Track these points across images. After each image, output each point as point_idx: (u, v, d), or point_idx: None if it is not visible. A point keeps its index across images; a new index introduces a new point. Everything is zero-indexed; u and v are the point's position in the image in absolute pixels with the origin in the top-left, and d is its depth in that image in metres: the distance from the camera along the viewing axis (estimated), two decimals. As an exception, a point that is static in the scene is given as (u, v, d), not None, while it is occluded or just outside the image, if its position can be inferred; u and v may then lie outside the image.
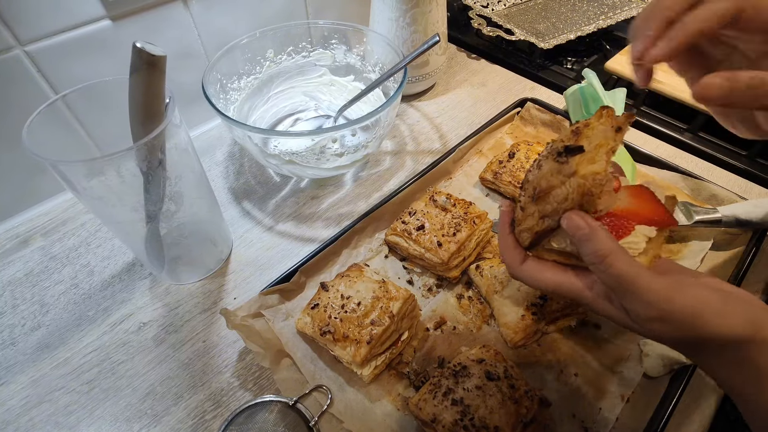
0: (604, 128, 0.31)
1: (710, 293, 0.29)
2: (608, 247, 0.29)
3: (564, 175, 0.31)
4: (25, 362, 0.49)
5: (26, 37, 0.52)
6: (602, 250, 0.29)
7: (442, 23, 0.75)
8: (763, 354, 0.28)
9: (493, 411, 0.39)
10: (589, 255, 0.30)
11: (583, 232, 0.30)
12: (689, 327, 0.29)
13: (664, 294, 0.29)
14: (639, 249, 0.32)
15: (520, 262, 0.35)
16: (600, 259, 0.29)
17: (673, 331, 0.29)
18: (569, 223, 0.31)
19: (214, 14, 0.66)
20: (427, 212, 0.55)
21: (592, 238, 0.30)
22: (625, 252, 0.30)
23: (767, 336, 0.28)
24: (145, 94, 0.37)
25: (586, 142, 0.31)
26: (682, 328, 0.29)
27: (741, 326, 0.28)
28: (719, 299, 0.29)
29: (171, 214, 0.47)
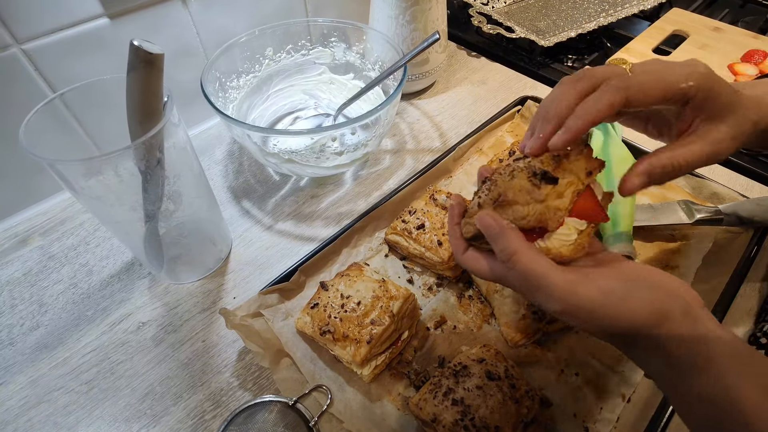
0: (579, 167, 0.33)
1: (616, 283, 0.30)
2: (515, 246, 0.31)
3: (531, 198, 0.32)
4: (24, 362, 0.49)
5: (24, 35, 0.52)
6: (509, 249, 0.31)
7: (442, 21, 0.74)
8: (673, 344, 0.29)
9: (493, 411, 0.38)
10: (499, 253, 0.32)
11: (493, 231, 0.32)
12: (595, 318, 0.30)
13: (567, 288, 0.30)
14: (570, 240, 0.33)
15: (462, 252, 0.37)
16: (507, 256, 0.31)
17: (583, 323, 0.30)
18: (481, 222, 0.33)
19: (212, 12, 0.66)
20: (427, 211, 0.55)
21: (502, 238, 0.32)
22: (533, 250, 0.31)
23: (672, 324, 0.29)
24: (143, 92, 0.37)
25: (560, 175, 0.33)
26: (589, 320, 0.30)
27: (644, 314, 0.29)
28: (623, 288, 0.30)
29: (170, 214, 0.46)
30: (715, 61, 0.75)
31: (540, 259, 0.31)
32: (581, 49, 0.89)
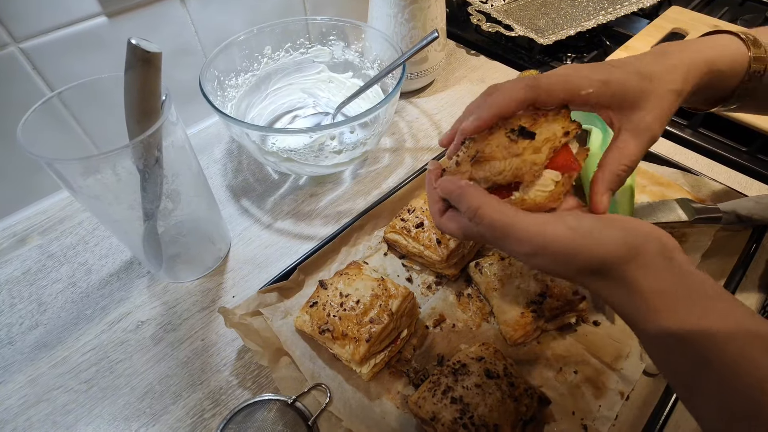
0: (556, 127, 0.34)
1: (587, 221, 0.30)
2: (478, 201, 0.32)
3: (508, 152, 0.33)
4: (23, 361, 0.49)
5: (21, 34, 0.51)
6: (473, 205, 0.32)
7: (441, 19, 0.74)
8: (644, 276, 0.29)
9: (492, 409, 0.38)
10: (465, 212, 0.32)
11: (454, 193, 0.33)
12: (564, 255, 0.30)
13: (534, 229, 0.30)
14: (547, 189, 0.34)
15: (440, 214, 0.37)
16: (473, 212, 0.32)
17: (552, 263, 0.31)
18: (443, 189, 0.34)
19: (211, 11, 0.66)
20: (426, 210, 0.55)
21: (464, 197, 0.32)
22: (496, 201, 0.32)
23: (644, 259, 0.29)
24: (141, 91, 0.37)
25: (538, 131, 0.33)
26: (558, 259, 0.30)
27: (615, 249, 0.29)
28: (594, 225, 0.30)
29: (168, 212, 0.46)
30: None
31: (504, 208, 0.31)
32: (580, 48, 0.88)
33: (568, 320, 0.49)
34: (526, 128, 0.33)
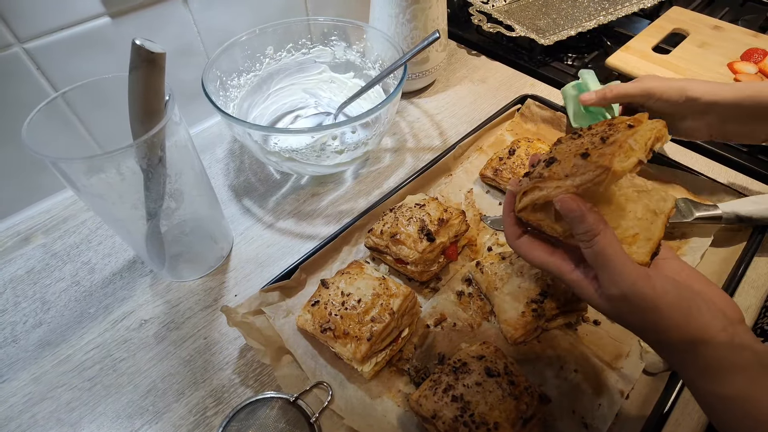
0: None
1: (670, 287, 0.32)
2: (599, 228, 0.33)
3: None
4: (27, 359, 0.49)
5: (25, 34, 0.52)
6: (594, 230, 0.33)
7: (442, 20, 0.75)
8: (711, 350, 0.31)
9: (492, 407, 0.39)
10: (581, 234, 0.33)
11: (575, 214, 0.33)
12: (642, 312, 0.32)
13: (631, 277, 0.32)
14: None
15: (516, 237, 0.39)
16: (590, 236, 0.33)
17: (631, 316, 0.33)
18: (563, 205, 0.34)
19: (213, 11, 0.66)
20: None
21: (586, 220, 0.33)
22: (612, 234, 0.33)
23: (709, 336, 0.31)
24: (145, 91, 0.37)
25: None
26: (636, 313, 0.33)
27: (686, 327, 0.31)
28: (675, 294, 0.32)
29: (171, 212, 0.47)
30: (714, 59, 0.75)
31: (617, 244, 0.33)
32: (581, 48, 0.89)
33: (569, 319, 0.49)
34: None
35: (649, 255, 0.34)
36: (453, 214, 0.54)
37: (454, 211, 0.55)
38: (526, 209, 0.37)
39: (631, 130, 0.34)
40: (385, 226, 0.53)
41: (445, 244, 0.53)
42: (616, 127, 0.35)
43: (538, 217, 0.37)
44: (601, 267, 0.33)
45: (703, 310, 0.32)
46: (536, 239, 0.38)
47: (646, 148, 0.33)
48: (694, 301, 0.32)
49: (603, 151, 0.33)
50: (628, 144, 0.33)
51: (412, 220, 0.52)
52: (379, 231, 0.53)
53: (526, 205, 0.37)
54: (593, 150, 0.34)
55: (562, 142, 0.39)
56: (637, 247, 0.35)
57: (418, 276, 0.53)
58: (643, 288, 0.31)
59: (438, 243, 0.51)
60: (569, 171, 0.34)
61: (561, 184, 0.34)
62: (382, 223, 0.54)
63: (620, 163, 0.32)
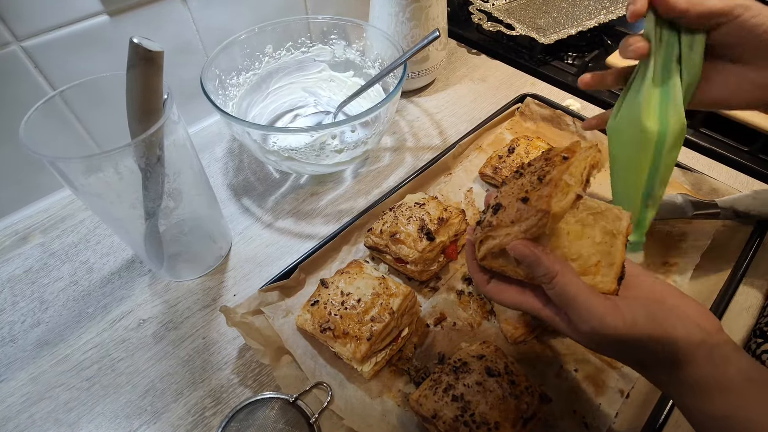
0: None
1: (640, 313, 0.32)
2: (556, 268, 0.33)
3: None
4: (25, 359, 0.49)
5: (23, 32, 0.52)
6: (552, 271, 0.33)
7: (442, 18, 0.74)
8: (694, 369, 0.31)
9: (493, 407, 0.39)
10: (541, 276, 0.34)
11: (530, 259, 0.34)
12: (619, 346, 0.32)
13: (598, 313, 0.32)
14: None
15: (485, 284, 0.39)
16: (550, 278, 0.33)
17: (607, 347, 0.33)
18: (516, 251, 0.34)
19: (212, 9, 0.66)
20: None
21: (540, 264, 0.33)
22: (571, 272, 0.33)
23: (693, 353, 0.31)
24: (143, 90, 0.37)
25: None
26: (613, 347, 0.33)
27: (663, 350, 0.31)
28: (646, 320, 0.32)
29: (170, 211, 0.47)
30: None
31: (579, 283, 0.33)
32: (582, 47, 0.88)
33: (569, 319, 0.49)
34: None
35: (614, 281, 0.34)
36: (453, 213, 0.54)
37: (453, 210, 0.54)
38: (486, 257, 0.37)
39: (565, 163, 0.34)
40: (385, 225, 0.53)
41: (445, 243, 0.52)
42: (552, 161, 0.35)
43: (500, 263, 0.37)
44: (567, 307, 0.33)
45: (679, 328, 0.31)
46: (504, 282, 0.38)
47: (582, 180, 0.34)
48: (668, 320, 0.32)
49: (540, 193, 0.33)
50: (563, 181, 0.33)
51: (412, 220, 0.52)
52: (378, 230, 0.53)
53: (485, 254, 0.37)
54: (532, 192, 0.34)
55: (507, 183, 0.39)
56: (602, 276, 0.34)
57: (418, 275, 0.52)
58: (613, 321, 0.31)
59: (438, 242, 0.51)
60: (514, 217, 0.34)
61: (510, 231, 0.35)
62: (382, 222, 0.54)
63: (558, 204, 0.32)
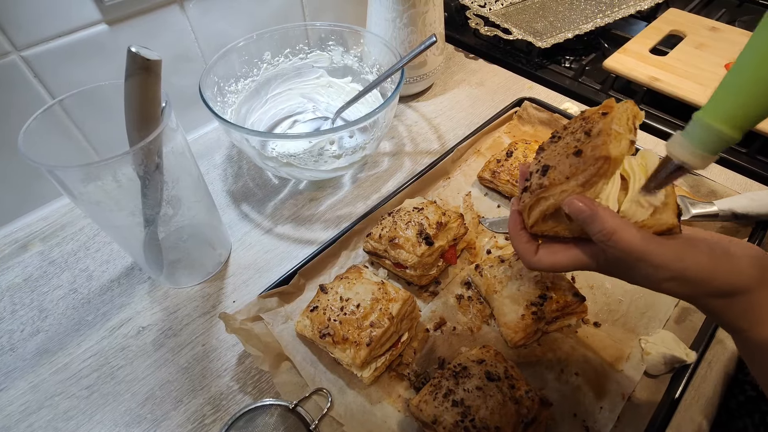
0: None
1: (717, 247, 0.32)
2: (612, 225, 0.31)
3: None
4: (25, 368, 0.49)
5: (22, 42, 0.52)
6: (607, 229, 0.31)
7: (439, 23, 0.75)
8: (754, 301, 0.31)
9: (493, 411, 0.38)
10: (596, 234, 0.32)
11: (585, 214, 0.32)
12: (702, 282, 0.31)
13: (674, 255, 0.31)
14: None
15: (534, 254, 0.37)
16: (607, 236, 0.32)
17: (687, 288, 0.32)
18: (571, 207, 0.33)
19: (210, 17, 0.66)
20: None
21: (596, 220, 0.32)
22: (629, 225, 0.32)
23: (762, 285, 0.31)
24: (141, 98, 0.37)
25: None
26: (696, 284, 0.32)
27: (750, 270, 0.31)
28: (725, 251, 0.32)
29: (169, 218, 0.47)
30: (712, 60, 0.75)
31: (639, 234, 0.32)
32: (578, 50, 0.89)
33: (569, 322, 0.49)
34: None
35: (674, 216, 0.33)
36: (451, 218, 0.54)
37: (452, 214, 0.54)
38: (538, 222, 0.36)
39: (607, 117, 0.34)
40: (384, 230, 0.53)
41: (444, 248, 0.52)
42: (590, 119, 0.35)
43: (551, 226, 0.36)
44: (638, 262, 0.32)
45: (743, 259, 0.31)
46: (553, 245, 0.37)
47: (630, 128, 0.34)
48: (738, 248, 0.32)
49: (595, 143, 0.33)
50: (614, 130, 0.33)
51: (411, 224, 0.52)
52: (377, 235, 0.53)
53: (537, 218, 0.36)
54: (584, 145, 0.34)
55: (545, 149, 0.38)
56: (659, 214, 0.33)
57: (417, 280, 0.52)
58: (694, 257, 0.31)
59: (437, 246, 0.51)
60: (569, 172, 0.34)
61: (566, 187, 0.34)
62: (381, 227, 0.54)
63: (616, 149, 0.32)
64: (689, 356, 0.44)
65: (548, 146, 0.38)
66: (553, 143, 0.38)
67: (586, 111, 0.37)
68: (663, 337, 0.47)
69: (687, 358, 0.44)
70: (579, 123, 0.36)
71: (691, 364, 0.44)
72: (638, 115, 0.35)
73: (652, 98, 0.74)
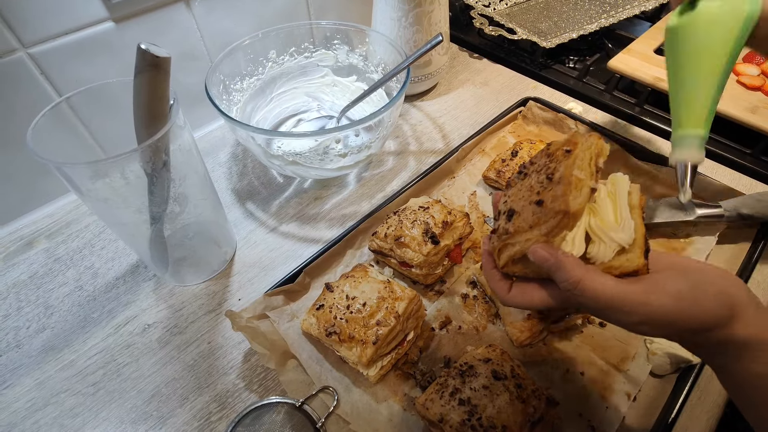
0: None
1: (683, 285, 0.31)
2: (576, 275, 0.31)
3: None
4: (31, 365, 0.49)
5: (30, 39, 0.52)
6: (572, 279, 0.31)
7: (444, 23, 0.75)
8: (743, 328, 0.31)
9: (500, 410, 0.38)
10: (562, 283, 0.32)
11: (550, 263, 0.32)
12: (670, 324, 0.31)
13: (640, 299, 0.31)
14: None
15: (507, 291, 0.37)
16: (573, 286, 0.32)
17: (659, 330, 0.32)
18: (535, 256, 0.33)
19: (216, 15, 0.66)
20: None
21: (560, 269, 0.32)
22: (594, 272, 0.32)
23: (742, 314, 0.31)
24: (150, 95, 0.37)
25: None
26: (664, 325, 0.32)
27: (717, 309, 0.31)
28: (691, 289, 0.31)
29: (175, 216, 0.47)
30: (716, 61, 0.75)
31: (605, 281, 0.32)
32: (583, 50, 0.89)
33: (574, 322, 0.49)
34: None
35: (642, 256, 0.33)
36: (457, 217, 0.54)
37: (458, 213, 0.54)
38: (507, 264, 0.37)
39: (570, 157, 0.33)
40: (389, 229, 0.53)
41: (450, 247, 0.52)
42: (554, 156, 0.35)
43: (520, 268, 0.36)
44: (607, 309, 0.32)
45: (709, 296, 0.31)
46: (526, 284, 0.37)
47: (591, 172, 0.33)
48: (707, 284, 0.32)
49: (555, 193, 0.32)
50: (574, 177, 0.32)
51: (416, 223, 0.52)
52: (383, 234, 0.53)
53: (506, 262, 0.37)
54: (545, 193, 0.33)
55: (512, 186, 0.38)
56: (627, 253, 0.33)
57: (423, 279, 0.52)
58: (659, 300, 0.31)
59: (442, 246, 0.51)
60: (532, 221, 0.34)
61: (530, 236, 0.34)
62: (386, 226, 0.54)
63: (575, 201, 0.32)
64: (695, 357, 0.44)
65: (515, 183, 0.38)
66: (520, 180, 0.38)
67: (551, 145, 0.36)
68: (669, 337, 0.47)
69: (693, 358, 0.44)
70: (544, 160, 0.36)
71: (697, 365, 0.44)
72: (602, 151, 0.34)
73: (656, 98, 0.74)
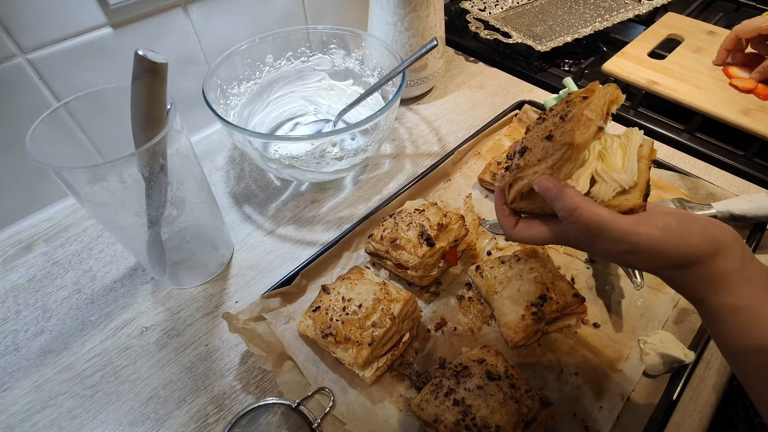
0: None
1: (672, 219, 0.33)
2: (574, 202, 0.34)
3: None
4: (29, 367, 0.49)
5: (28, 45, 0.52)
6: (569, 206, 0.34)
7: (439, 27, 0.75)
8: (724, 263, 0.32)
9: (494, 411, 0.39)
10: (561, 210, 0.34)
11: (552, 192, 0.34)
12: (657, 253, 0.33)
13: (629, 229, 0.33)
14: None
15: (513, 227, 0.40)
16: (570, 212, 0.34)
17: (644, 261, 0.34)
18: (540, 186, 0.35)
19: (213, 21, 0.67)
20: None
21: (561, 197, 0.34)
22: (591, 202, 0.34)
23: (726, 248, 0.33)
24: (147, 100, 0.37)
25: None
26: (649, 256, 0.33)
27: (701, 244, 0.33)
28: (679, 223, 0.33)
29: (173, 219, 0.47)
30: (710, 64, 0.76)
31: (599, 209, 0.33)
32: (577, 54, 0.90)
33: (568, 322, 0.50)
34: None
35: (640, 197, 0.34)
36: (452, 219, 0.54)
37: (453, 215, 0.55)
38: (516, 199, 0.39)
39: (585, 101, 0.36)
40: (385, 231, 0.53)
41: (445, 249, 0.53)
42: (572, 102, 0.37)
43: (527, 203, 0.39)
44: (597, 236, 0.33)
45: (709, 227, 0.33)
46: (531, 220, 0.39)
47: (602, 114, 0.35)
48: (696, 222, 0.33)
49: (564, 129, 0.35)
50: (584, 116, 0.34)
51: (412, 226, 0.53)
52: (379, 236, 0.53)
53: (515, 196, 0.39)
54: (555, 130, 0.36)
55: (531, 130, 0.40)
56: (627, 195, 0.35)
57: (419, 281, 0.53)
58: (647, 230, 0.32)
59: (438, 248, 0.52)
60: (540, 155, 0.36)
61: (537, 169, 0.36)
62: (382, 228, 0.54)
63: (581, 136, 0.34)
64: (687, 356, 0.45)
65: (533, 127, 0.40)
66: (538, 125, 0.40)
67: (572, 93, 0.39)
68: (662, 338, 0.47)
69: (685, 358, 0.45)
70: (562, 105, 0.38)
71: (690, 365, 0.45)
72: (617, 99, 0.37)
73: (650, 101, 0.75)
